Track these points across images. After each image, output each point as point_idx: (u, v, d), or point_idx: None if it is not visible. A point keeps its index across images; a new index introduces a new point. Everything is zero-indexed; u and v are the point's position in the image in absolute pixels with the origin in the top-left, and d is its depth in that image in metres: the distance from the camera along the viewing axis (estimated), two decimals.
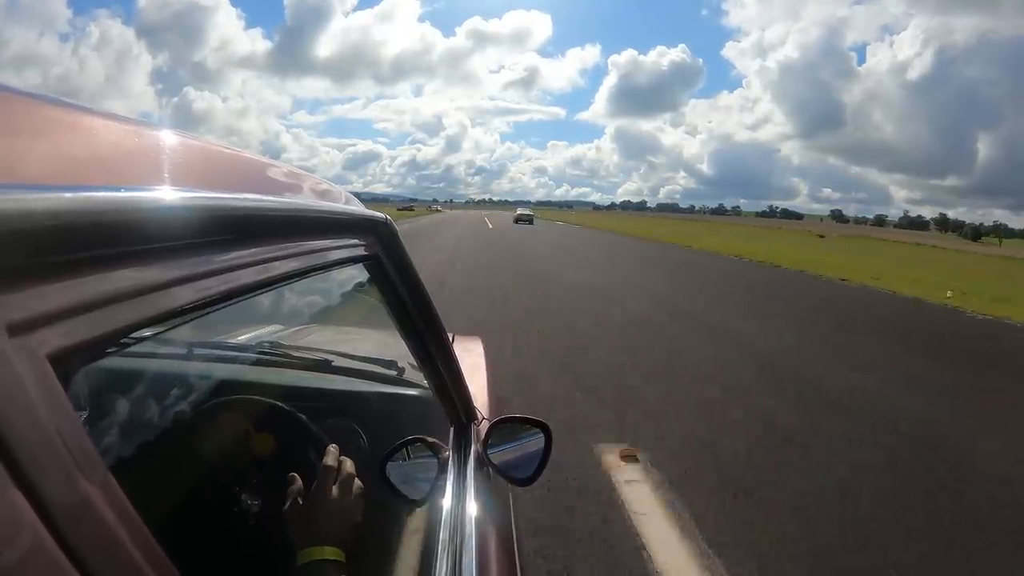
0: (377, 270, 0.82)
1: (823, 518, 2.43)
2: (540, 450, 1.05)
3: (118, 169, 0.37)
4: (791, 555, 2.15)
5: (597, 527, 2.24)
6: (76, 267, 0.28)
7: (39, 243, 0.26)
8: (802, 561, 2.12)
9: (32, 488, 0.23)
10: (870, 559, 2.16)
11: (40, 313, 0.26)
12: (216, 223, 0.40)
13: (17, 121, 0.32)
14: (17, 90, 0.33)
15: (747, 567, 2.06)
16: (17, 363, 0.24)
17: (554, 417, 2.05)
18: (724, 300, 8.83)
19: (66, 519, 0.24)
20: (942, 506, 2.63)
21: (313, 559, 0.64)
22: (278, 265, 0.48)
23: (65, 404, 0.26)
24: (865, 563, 2.15)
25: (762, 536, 2.26)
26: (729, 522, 2.35)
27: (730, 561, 2.07)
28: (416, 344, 0.98)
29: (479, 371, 1.71)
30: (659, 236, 31.77)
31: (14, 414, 0.23)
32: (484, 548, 0.92)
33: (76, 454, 0.25)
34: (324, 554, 0.65)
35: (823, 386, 4.38)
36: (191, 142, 0.50)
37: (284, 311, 1.59)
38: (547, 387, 3.93)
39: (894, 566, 2.12)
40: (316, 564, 0.64)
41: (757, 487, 2.66)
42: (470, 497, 0.99)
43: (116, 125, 0.41)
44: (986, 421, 3.87)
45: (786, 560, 2.12)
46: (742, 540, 2.22)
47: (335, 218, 0.68)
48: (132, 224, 0.32)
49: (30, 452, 0.23)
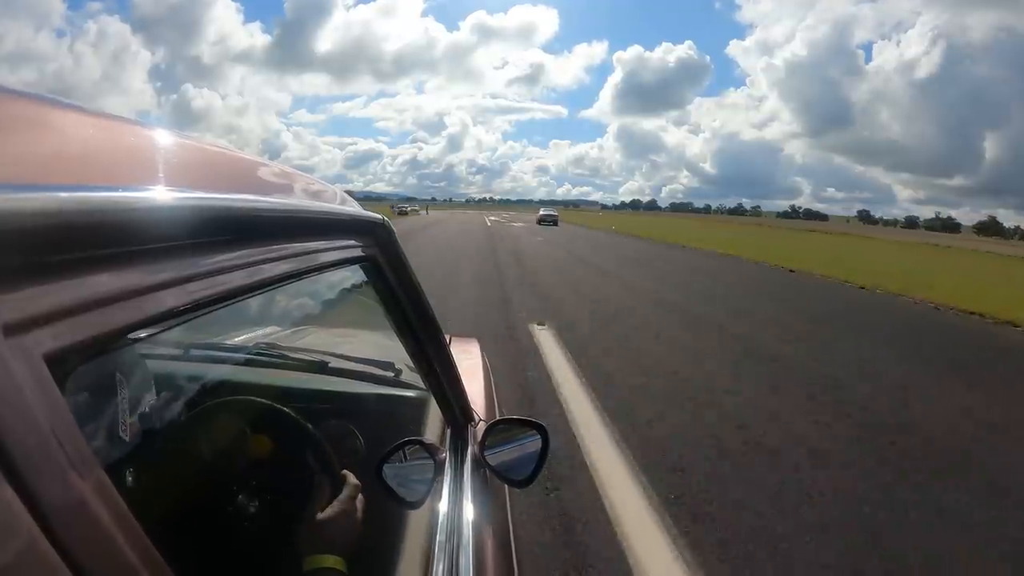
0: (374, 271, 0.82)
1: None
2: (537, 451, 1.05)
3: (115, 169, 0.37)
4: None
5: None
6: (73, 267, 0.28)
7: (35, 243, 0.26)
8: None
9: (27, 488, 0.23)
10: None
11: (36, 313, 0.26)
12: (213, 224, 0.40)
13: (12, 120, 0.32)
14: (12, 89, 0.33)
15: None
16: (13, 363, 0.24)
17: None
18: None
19: (61, 520, 0.24)
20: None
21: (314, 567, 0.64)
22: (275, 266, 0.48)
23: (61, 404, 0.26)
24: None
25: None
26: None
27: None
28: (413, 346, 0.98)
29: (476, 373, 1.71)
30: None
31: (10, 414, 0.23)
32: (481, 550, 0.92)
33: (72, 454, 0.25)
34: (325, 563, 0.65)
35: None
36: (189, 142, 0.50)
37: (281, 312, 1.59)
38: None
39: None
40: (318, 573, 0.64)
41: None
42: (467, 499, 0.98)
43: (113, 125, 0.40)
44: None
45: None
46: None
47: (332, 219, 0.68)
48: (129, 224, 0.32)
49: (26, 452, 0.23)
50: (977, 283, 13.25)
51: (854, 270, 13.63)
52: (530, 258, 13.27)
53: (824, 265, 14.66)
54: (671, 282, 9.76)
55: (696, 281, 10.26)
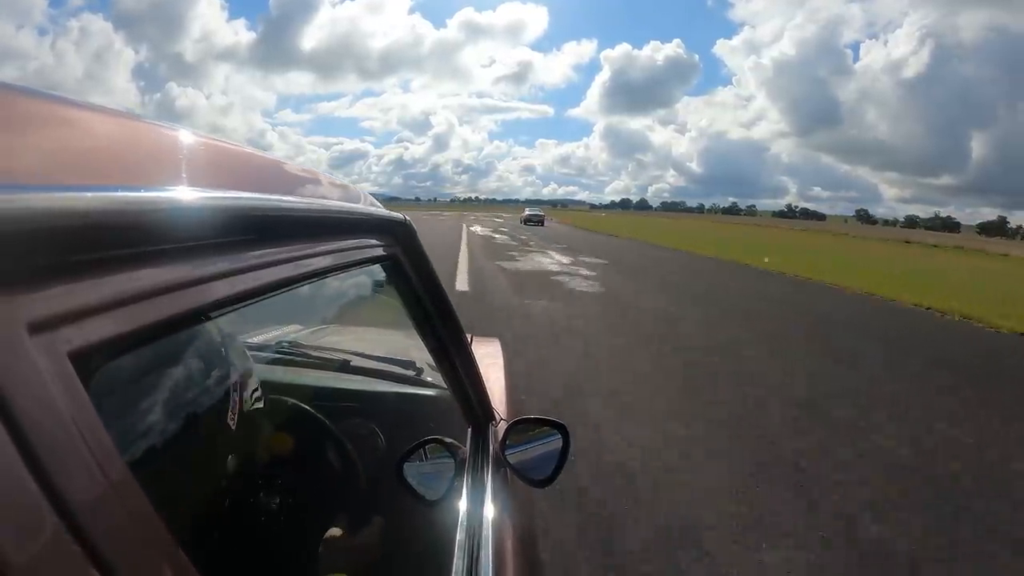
0: (396, 270, 0.82)
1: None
2: (558, 451, 1.05)
3: (142, 169, 0.37)
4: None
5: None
6: (98, 266, 0.28)
7: (62, 242, 0.26)
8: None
9: (52, 485, 0.23)
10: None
11: (62, 311, 0.26)
12: (236, 223, 0.40)
13: (42, 121, 0.33)
14: (37, 90, 0.34)
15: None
16: (39, 360, 0.24)
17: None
18: None
19: (85, 515, 0.24)
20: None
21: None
22: (297, 265, 0.49)
23: (86, 401, 0.26)
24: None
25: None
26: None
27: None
28: (434, 344, 0.98)
29: (497, 372, 1.71)
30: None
31: (35, 411, 0.23)
32: (501, 549, 0.91)
33: (96, 451, 0.25)
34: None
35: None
36: (213, 142, 0.50)
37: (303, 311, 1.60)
38: None
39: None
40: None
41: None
42: (487, 498, 0.98)
43: (139, 125, 0.41)
44: None
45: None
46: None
47: (354, 218, 0.68)
48: (154, 224, 0.32)
49: (51, 449, 0.23)
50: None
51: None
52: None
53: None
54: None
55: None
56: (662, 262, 15.00)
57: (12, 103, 0.32)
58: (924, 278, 14.31)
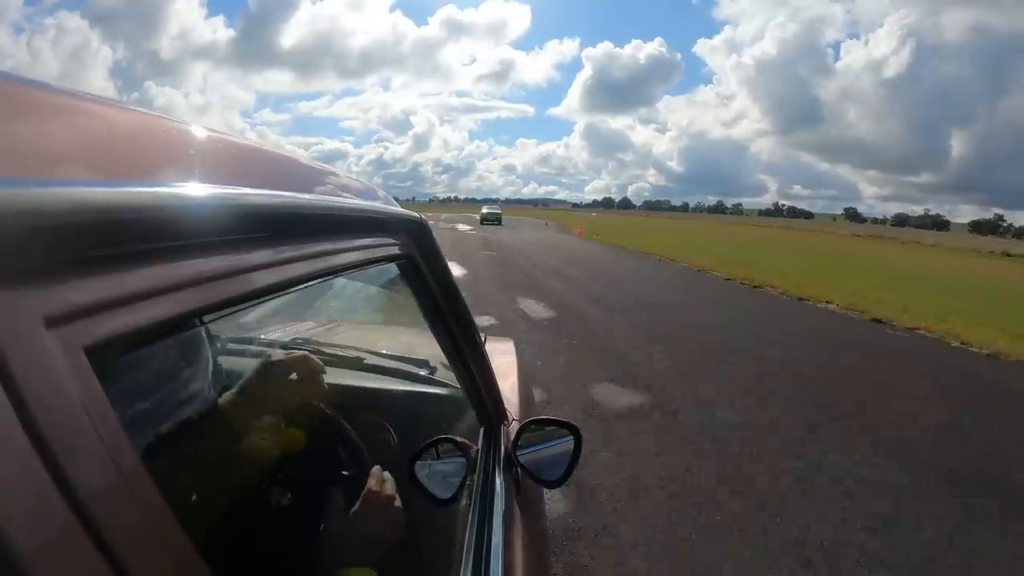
0: (411, 269, 0.82)
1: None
2: (569, 452, 1.04)
3: (157, 165, 0.38)
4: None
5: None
6: (113, 262, 0.29)
7: (77, 237, 0.26)
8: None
9: (66, 478, 0.23)
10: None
11: (78, 306, 0.26)
12: (253, 220, 0.40)
13: (56, 117, 0.33)
14: (50, 86, 0.34)
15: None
16: (54, 353, 0.24)
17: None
18: None
19: (98, 508, 0.24)
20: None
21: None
22: (313, 263, 0.49)
23: (100, 395, 0.26)
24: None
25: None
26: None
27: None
28: (448, 344, 0.98)
29: (510, 372, 1.71)
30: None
31: (50, 404, 0.23)
32: (511, 549, 0.91)
33: (110, 445, 0.25)
34: (360, 575, 0.65)
35: None
36: (229, 139, 0.50)
37: (318, 308, 1.61)
38: None
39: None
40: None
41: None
42: (498, 498, 0.98)
43: (153, 121, 0.41)
44: None
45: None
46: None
47: (370, 217, 0.68)
48: (169, 220, 0.32)
49: (65, 442, 0.23)
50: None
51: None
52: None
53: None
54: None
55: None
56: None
57: (33, 98, 0.32)
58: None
